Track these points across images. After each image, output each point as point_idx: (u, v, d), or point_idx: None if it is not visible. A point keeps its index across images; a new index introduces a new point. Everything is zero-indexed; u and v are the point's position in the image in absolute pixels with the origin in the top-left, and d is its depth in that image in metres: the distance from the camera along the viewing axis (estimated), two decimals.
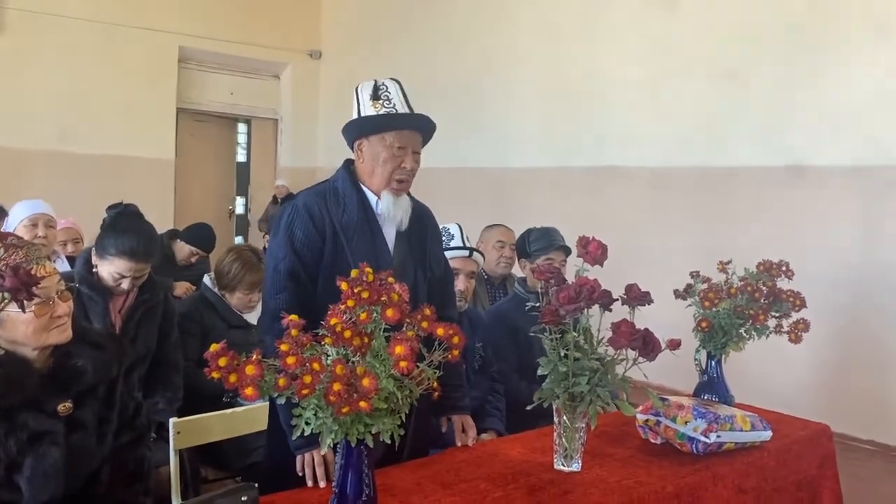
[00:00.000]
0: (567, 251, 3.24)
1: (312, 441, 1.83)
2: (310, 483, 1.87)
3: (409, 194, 2.22)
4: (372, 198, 2.16)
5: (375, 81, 2.15)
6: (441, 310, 1.57)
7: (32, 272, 1.43)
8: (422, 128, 2.17)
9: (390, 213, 2.13)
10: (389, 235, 2.17)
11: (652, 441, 2.24)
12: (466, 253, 2.97)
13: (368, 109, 2.12)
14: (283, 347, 1.38)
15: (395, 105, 2.12)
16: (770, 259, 2.69)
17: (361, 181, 2.17)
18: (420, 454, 2.15)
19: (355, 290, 1.47)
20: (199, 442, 2.40)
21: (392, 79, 2.18)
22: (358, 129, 2.14)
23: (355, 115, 2.15)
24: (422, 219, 2.27)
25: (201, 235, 4.78)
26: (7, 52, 7.54)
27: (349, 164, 2.21)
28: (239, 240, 9.75)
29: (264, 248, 5.91)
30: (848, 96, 4.94)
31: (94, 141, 8.02)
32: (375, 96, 2.12)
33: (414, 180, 2.20)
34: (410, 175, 2.15)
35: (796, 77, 5.20)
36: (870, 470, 4.38)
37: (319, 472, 1.87)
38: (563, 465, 2.00)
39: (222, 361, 1.34)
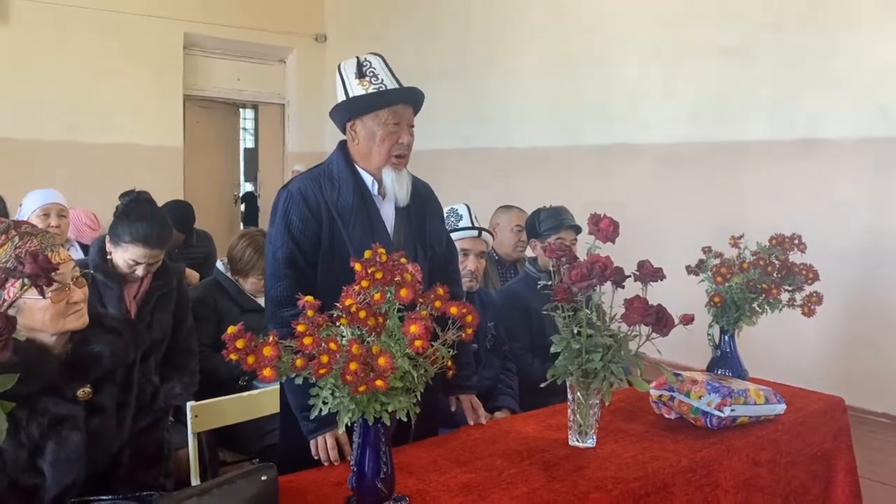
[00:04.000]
0: (577, 230, 3.24)
1: (324, 425, 1.86)
2: (325, 464, 1.89)
3: (408, 170, 2.19)
4: (367, 178, 2.14)
5: (358, 58, 2.11)
6: (450, 288, 1.57)
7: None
8: (413, 100, 2.15)
9: (394, 189, 2.11)
10: (387, 215, 2.16)
11: (666, 416, 2.25)
12: (476, 233, 2.97)
13: (356, 89, 2.09)
14: (300, 328, 1.39)
15: (382, 81, 2.08)
16: (781, 233, 2.68)
17: (356, 162, 2.15)
18: (429, 433, 2.15)
19: (369, 271, 1.47)
20: (216, 425, 2.43)
21: (374, 53, 2.15)
22: (349, 111, 2.12)
23: (342, 96, 2.12)
24: (421, 196, 2.25)
25: (178, 212, 4.45)
26: (12, 43, 7.53)
27: (343, 145, 2.18)
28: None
29: None
30: (858, 68, 4.89)
31: (101, 130, 8.01)
32: (361, 74, 2.08)
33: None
34: (408, 149, 2.13)
35: (805, 50, 5.15)
36: (884, 442, 4.38)
37: (333, 454, 1.89)
38: (578, 442, 2.01)
39: (240, 343, 1.35)
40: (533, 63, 7.15)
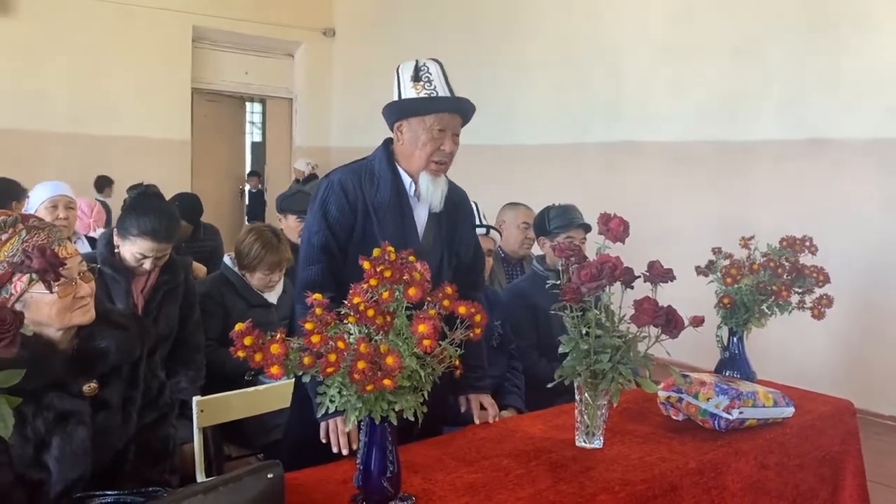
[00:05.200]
0: (587, 228, 3.22)
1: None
2: (335, 449, 1.88)
3: (446, 176, 2.22)
4: (406, 179, 2.17)
5: (417, 62, 2.15)
6: (468, 293, 1.56)
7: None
8: (462, 110, 2.17)
9: (429, 193, 2.15)
10: (420, 218, 2.19)
11: (674, 418, 2.24)
12: (483, 231, 2.97)
13: (409, 91, 2.12)
14: (308, 326, 1.38)
15: (435, 87, 2.12)
16: (791, 234, 2.66)
17: (398, 162, 2.18)
18: (433, 433, 2.13)
19: (378, 269, 1.47)
20: (222, 420, 2.42)
21: (433, 59, 2.18)
22: (398, 112, 2.15)
23: (396, 96, 2.16)
24: (457, 203, 2.28)
25: (186, 205, 4.37)
26: (21, 35, 7.55)
27: (388, 143, 2.22)
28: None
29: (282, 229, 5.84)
30: (867, 68, 4.86)
31: (109, 122, 8.03)
32: (416, 78, 2.12)
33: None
34: (449, 157, 2.16)
35: (815, 49, 5.12)
36: (892, 445, 4.36)
37: (343, 439, 1.89)
38: (585, 442, 2.00)
39: (247, 341, 1.35)
40: (541, 60, 7.12)
